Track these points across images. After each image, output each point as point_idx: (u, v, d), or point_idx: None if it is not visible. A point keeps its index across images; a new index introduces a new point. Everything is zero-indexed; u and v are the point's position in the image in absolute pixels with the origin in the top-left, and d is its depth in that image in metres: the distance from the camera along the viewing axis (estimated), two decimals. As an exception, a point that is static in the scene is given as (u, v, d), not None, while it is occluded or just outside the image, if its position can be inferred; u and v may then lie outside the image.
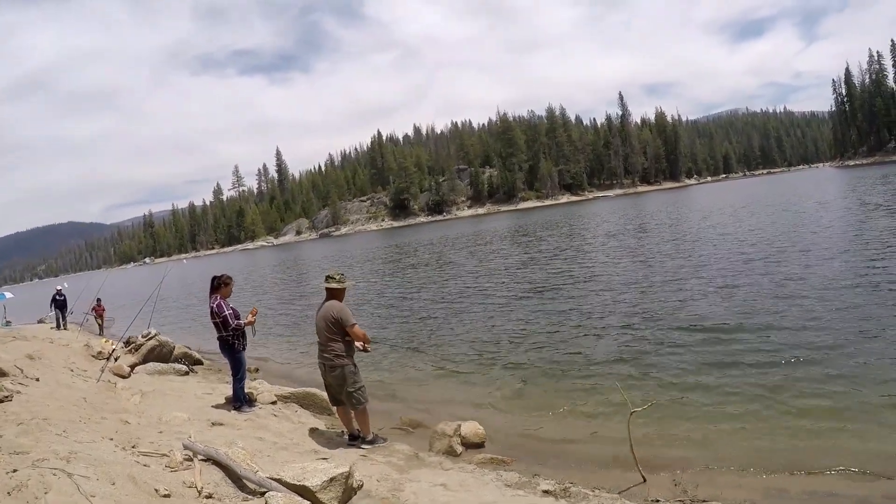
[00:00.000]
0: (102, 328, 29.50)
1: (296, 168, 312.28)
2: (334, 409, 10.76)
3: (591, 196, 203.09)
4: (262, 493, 6.42)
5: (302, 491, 6.52)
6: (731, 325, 15.50)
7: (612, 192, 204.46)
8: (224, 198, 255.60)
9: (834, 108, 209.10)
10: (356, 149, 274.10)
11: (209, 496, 6.19)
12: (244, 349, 11.67)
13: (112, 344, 18.06)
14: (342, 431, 10.58)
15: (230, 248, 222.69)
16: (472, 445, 10.40)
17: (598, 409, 11.66)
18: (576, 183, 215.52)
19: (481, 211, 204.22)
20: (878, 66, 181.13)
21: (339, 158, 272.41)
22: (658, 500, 7.93)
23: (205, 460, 6.98)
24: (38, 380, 11.09)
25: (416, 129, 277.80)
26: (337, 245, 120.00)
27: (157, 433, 8.63)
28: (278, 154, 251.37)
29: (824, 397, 10.51)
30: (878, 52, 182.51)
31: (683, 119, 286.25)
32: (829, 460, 8.46)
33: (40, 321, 35.90)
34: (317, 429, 10.96)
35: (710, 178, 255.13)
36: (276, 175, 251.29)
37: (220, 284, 11.46)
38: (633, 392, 11.38)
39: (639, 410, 9.00)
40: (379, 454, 9.44)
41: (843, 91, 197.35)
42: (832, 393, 10.62)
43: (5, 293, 45.25)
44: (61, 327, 28.88)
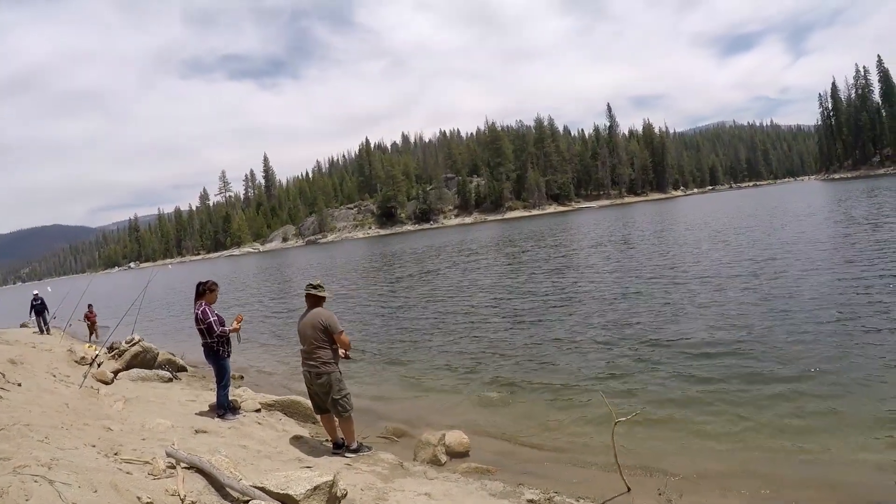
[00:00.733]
0: (94, 334, 29.34)
1: (283, 174, 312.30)
2: (318, 417, 10.72)
3: (577, 206, 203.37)
4: (246, 502, 6.38)
5: (285, 499, 6.47)
6: (716, 339, 15.55)
7: (596, 204, 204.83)
8: (211, 203, 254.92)
9: (820, 123, 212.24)
10: (344, 156, 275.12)
11: (192, 504, 6.15)
12: (229, 356, 11.60)
13: (95, 349, 17.96)
14: (326, 440, 10.59)
15: (216, 254, 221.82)
16: (457, 455, 10.42)
17: (583, 420, 11.69)
18: (563, 193, 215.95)
19: (468, 220, 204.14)
20: (864, 82, 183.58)
21: (327, 165, 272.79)
22: (642, 510, 7.96)
23: (188, 468, 6.93)
24: (20, 385, 11.02)
25: (405, 137, 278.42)
26: (323, 253, 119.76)
27: (140, 440, 8.57)
28: (266, 160, 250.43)
29: (809, 411, 10.59)
30: (864, 67, 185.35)
31: (671, 131, 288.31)
32: (812, 473, 8.58)
33: (23, 325, 35.63)
34: (301, 437, 10.91)
35: (696, 190, 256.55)
36: (263, 181, 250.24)
37: (205, 290, 11.39)
38: (617, 402, 11.40)
39: (623, 420, 9.04)
40: (363, 463, 9.43)
41: (830, 105, 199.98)
42: (817, 407, 10.70)
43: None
44: (44, 332, 28.67)
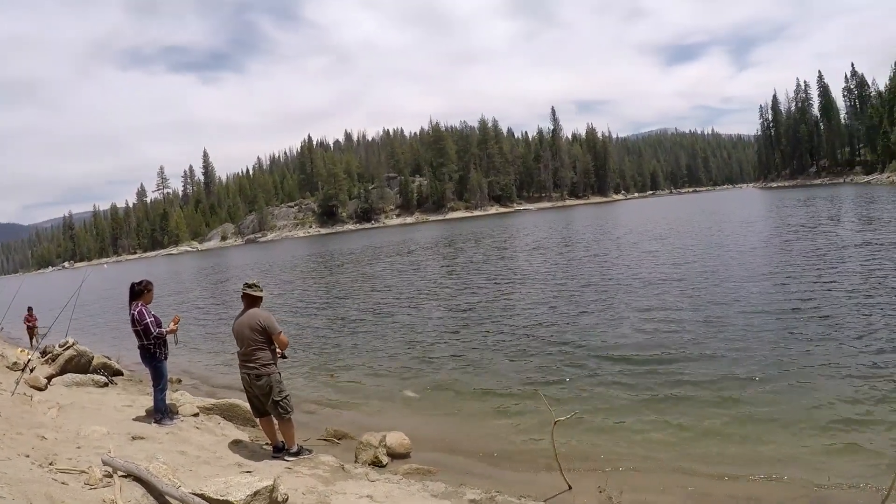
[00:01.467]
0: (35, 339, 28.65)
1: (223, 171, 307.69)
2: (258, 420, 10.60)
3: (517, 208, 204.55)
4: (185, 509, 6.28)
5: (225, 505, 6.41)
6: (656, 339, 15.98)
7: (533, 206, 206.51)
8: (148, 200, 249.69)
9: (760, 133, 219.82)
10: (286, 153, 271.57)
11: (129, 513, 6.06)
12: (166, 358, 11.42)
13: (28, 354, 17.58)
14: (266, 443, 10.48)
15: (153, 253, 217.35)
16: (398, 456, 10.45)
17: (524, 419, 11.84)
18: (505, 195, 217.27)
19: (410, 220, 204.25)
20: (804, 95, 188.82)
21: (268, 162, 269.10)
22: (583, 507, 8.03)
23: (125, 476, 6.82)
24: (-54, 392, 10.79)
25: (348, 136, 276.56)
26: (262, 252, 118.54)
27: (76, 448, 8.41)
28: (205, 156, 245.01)
29: (747, 407, 10.96)
30: (805, 81, 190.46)
31: (614, 136, 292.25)
32: (750, 465, 8.86)
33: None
34: (240, 441, 10.80)
35: (637, 194, 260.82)
36: (202, 177, 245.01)
37: (141, 291, 11.20)
38: (557, 402, 11.55)
39: (562, 420, 9.17)
40: (304, 466, 9.37)
41: (770, 117, 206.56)
42: (755, 403, 11.08)
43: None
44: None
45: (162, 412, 11.38)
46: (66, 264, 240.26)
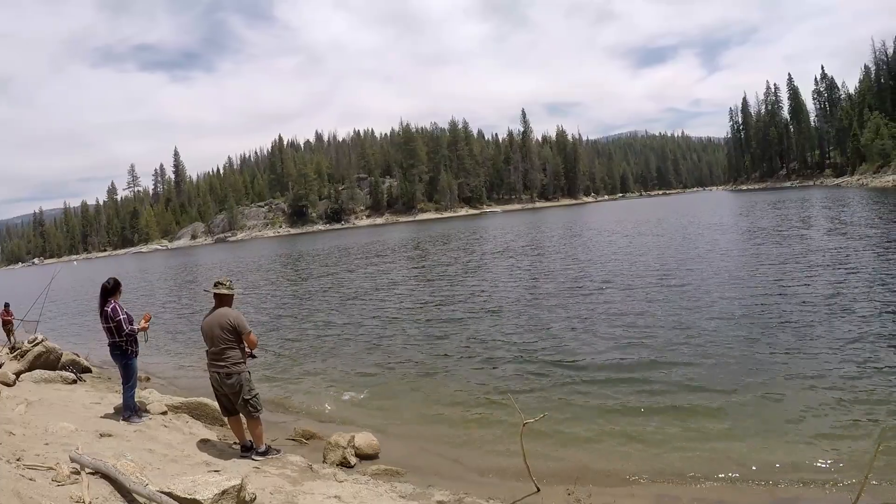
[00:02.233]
0: (12, 336, 28.29)
1: (194, 170, 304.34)
2: (226, 419, 10.61)
3: (485, 210, 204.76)
4: (152, 507, 6.29)
5: (193, 504, 6.42)
6: (625, 345, 15.97)
7: (499, 209, 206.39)
8: (118, 198, 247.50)
9: (730, 135, 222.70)
10: (256, 152, 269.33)
11: (97, 511, 6.07)
12: (136, 356, 11.40)
13: (-3, 351, 17.48)
14: (234, 443, 10.49)
15: (123, 251, 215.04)
16: (367, 457, 10.47)
17: (492, 421, 11.91)
18: (475, 196, 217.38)
19: (380, 221, 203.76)
20: (774, 98, 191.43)
21: (239, 162, 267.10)
22: (552, 510, 8.10)
23: (93, 473, 6.83)
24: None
25: (318, 136, 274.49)
26: (232, 251, 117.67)
27: (44, 445, 8.37)
28: (176, 154, 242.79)
29: (715, 412, 11.07)
30: (774, 84, 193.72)
31: (584, 138, 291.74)
32: (718, 469, 8.95)
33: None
34: (208, 440, 10.79)
35: (607, 197, 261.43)
36: (172, 176, 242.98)
37: (114, 288, 11.22)
38: (526, 406, 11.55)
39: (531, 422, 9.17)
40: (272, 466, 9.38)
41: (740, 119, 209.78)
42: (722, 407, 11.23)
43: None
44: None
45: (131, 410, 11.34)
46: (36, 261, 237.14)
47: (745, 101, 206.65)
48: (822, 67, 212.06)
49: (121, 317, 10.90)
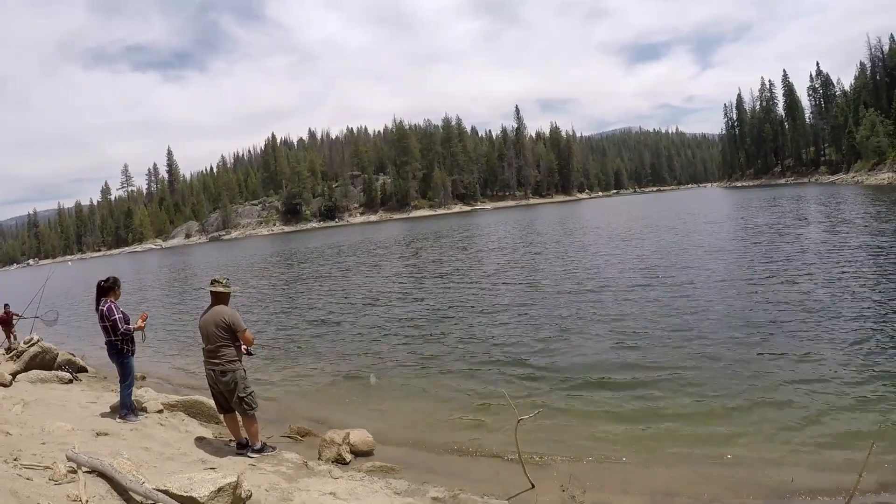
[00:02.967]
0: (12, 336, 28.16)
1: (187, 169, 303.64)
2: (222, 417, 10.63)
3: (476, 207, 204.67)
4: (149, 505, 6.31)
5: (189, 502, 6.44)
6: (619, 343, 15.98)
7: (489, 206, 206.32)
8: (112, 198, 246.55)
9: (724, 132, 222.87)
10: (249, 151, 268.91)
11: (94, 509, 6.08)
12: (133, 355, 11.42)
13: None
14: (230, 440, 10.51)
15: (118, 251, 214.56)
16: (362, 453, 10.50)
17: (487, 418, 11.93)
18: (468, 193, 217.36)
19: (373, 218, 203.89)
20: (769, 95, 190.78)
21: (232, 161, 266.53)
22: (546, 505, 8.12)
23: (89, 472, 6.83)
24: None
25: (312, 134, 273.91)
26: (226, 250, 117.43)
27: (40, 444, 8.39)
28: (169, 154, 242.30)
29: (710, 411, 11.10)
30: (769, 80, 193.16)
31: (578, 135, 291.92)
32: (712, 468, 9.00)
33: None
34: (204, 438, 10.80)
35: (601, 193, 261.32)
36: (166, 175, 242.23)
37: (110, 287, 11.21)
38: (520, 401, 11.65)
39: (526, 418, 9.23)
40: (268, 463, 9.41)
41: (735, 116, 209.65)
42: (717, 407, 11.22)
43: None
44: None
45: (128, 408, 11.36)
46: (31, 261, 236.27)
47: (739, 97, 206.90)
48: (818, 64, 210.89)
49: (115, 316, 10.91)
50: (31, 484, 6.26)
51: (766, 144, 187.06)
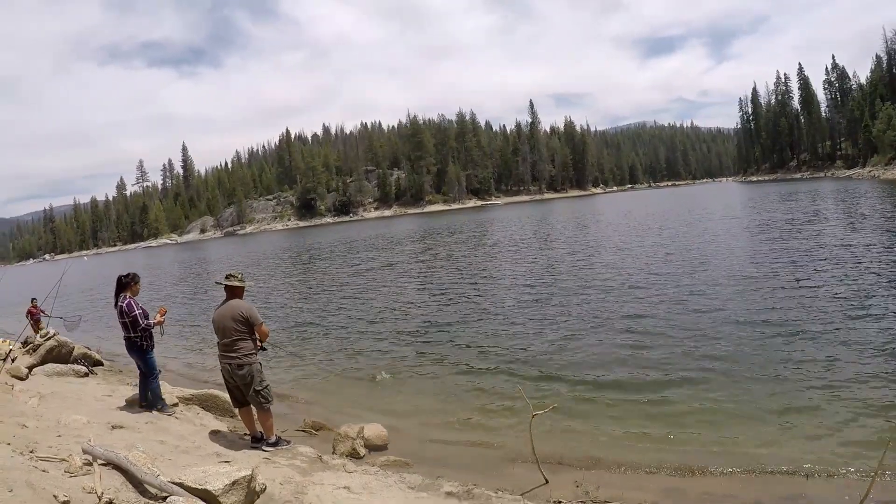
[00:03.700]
0: (39, 329, 28.33)
1: (202, 164, 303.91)
2: (237, 410, 10.63)
3: (487, 202, 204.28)
4: (164, 498, 6.31)
5: (204, 495, 6.43)
6: (635, 341, 15.90)
7: (500, 201, 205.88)
8: (127, 193, 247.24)
9: (739, 126, 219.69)
10: (264, 146, 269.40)
11: (109, 502, 6.06)
12: (152, 349, 11.48)
13: (9, 344, 17.52)
14: (244, 434, 10.52)
15: (133, 246, 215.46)
16: (376, 448, 10.51)
17: (501, 412, 11.97)
18: (483, 188, 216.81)
19: (388, 213, 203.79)
20: (784, 88, 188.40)
21: (247, 156, 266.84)
22: (560, 501, 8.17)
23: (105, 465, 6.84)
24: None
25: (326, 129, 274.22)
26: (241, 245, 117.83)
27: (56, 437, 8.40)
28: (184, 149, 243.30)
29: (722, 406, 11.07)
30: (785, 74, 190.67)
31: (592, 129, 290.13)
32: (726, 463, 8.93)
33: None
34: (219, 431, 10.84)
35: (616, 188, 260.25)
36: (181, 171, 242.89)
37: (128, 283, 11.24)
38: (534, 396, 11.66)
39: (540, 413, 9.21)
40: (282, 457, 9.42)
41: (750, 110, 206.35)
42: (730, 402, 11.18)
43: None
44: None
45: (160, 399, 11.48)
46: (47, 256, 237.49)
47: (754, 91, 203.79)
48: (833, 57, 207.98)
49: (135, 312, 10.95)
50: (46, 476, 6.26)
51: (782, 138, 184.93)
